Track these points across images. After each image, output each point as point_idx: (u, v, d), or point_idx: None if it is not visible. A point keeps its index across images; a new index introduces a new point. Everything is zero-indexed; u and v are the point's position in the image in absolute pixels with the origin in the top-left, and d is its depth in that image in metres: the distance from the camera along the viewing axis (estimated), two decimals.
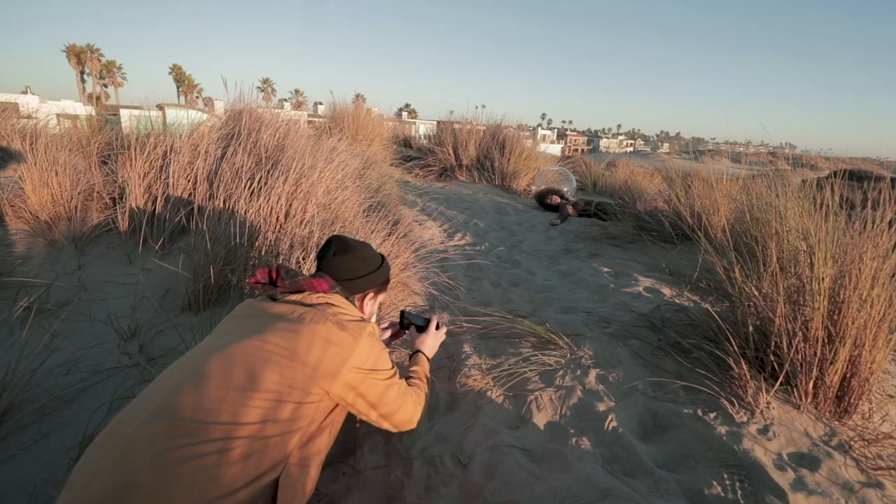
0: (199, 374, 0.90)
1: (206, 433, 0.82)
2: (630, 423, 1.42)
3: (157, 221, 2.42)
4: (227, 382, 0.89)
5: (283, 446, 0.90)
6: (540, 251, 3.42)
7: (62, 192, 2.48)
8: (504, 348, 1.84)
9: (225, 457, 0.81)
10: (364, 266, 1.24)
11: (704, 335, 1.67)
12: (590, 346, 1.78)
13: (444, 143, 6.24)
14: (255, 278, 1.17)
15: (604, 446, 1.33)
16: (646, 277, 2.58)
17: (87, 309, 1.93)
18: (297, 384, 0.94)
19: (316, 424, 0.98)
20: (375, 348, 1.09)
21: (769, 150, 35.37)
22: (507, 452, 1.30)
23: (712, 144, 13.15)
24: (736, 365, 1.45)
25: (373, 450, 1.38)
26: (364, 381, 1.04)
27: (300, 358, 0.96)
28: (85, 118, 4.13)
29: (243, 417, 0.86)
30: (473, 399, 1.55)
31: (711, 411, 1.40)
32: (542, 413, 1.46)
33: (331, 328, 1.02)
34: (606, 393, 1.53)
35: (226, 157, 2.59)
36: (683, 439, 1.33)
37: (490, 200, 5.21)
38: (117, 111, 7.14)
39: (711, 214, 2.84)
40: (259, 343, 0.96)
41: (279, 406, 0.90)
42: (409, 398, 1.18)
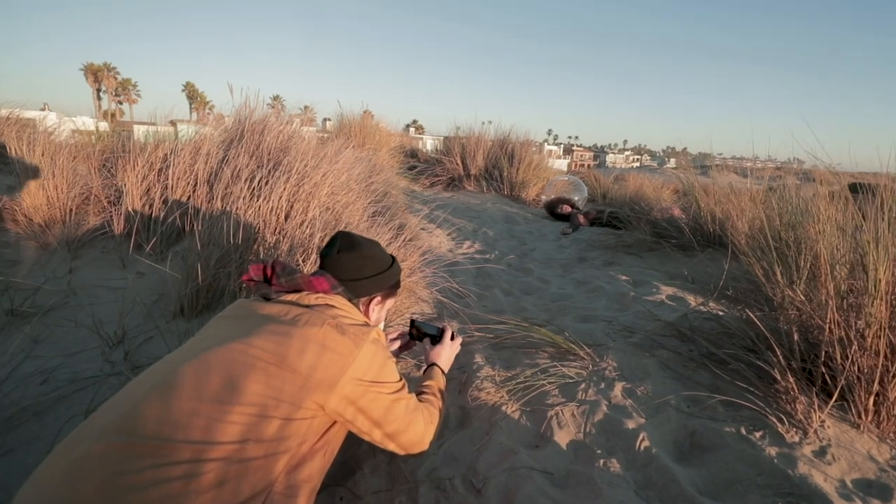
0: (170, 382, 0.77)
1: (172, 453, 0.68)
2: (664, 443, 1.26)
3: (154, 224, 2.33)
4: (200, 392, 0.75)
5: (266, 471, 0.75)
6: (552, 259, 3.28)
7: (58, 194, 2.40)
8: (519, 359, 1.69)
9: (193, 483, 0.67)
10: (372, 266, 1.11)
11: (742, 345, 1.51)
12: (613, 356, 1.63)
13: (451, 153, 6.16)
14: (248, 275, 1.04)
15: (636, 469, 1.18)
16: (667, 286, 2.42)
17: (74, 314, 1.81)
18: (286, 396, 0.80)
19: (308, 445, 0.83)
20: (380, 356, 0.94)
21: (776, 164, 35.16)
22: (527, 476, 1.14)
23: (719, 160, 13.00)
24: (782, 377, 1.29)
25: (374, 471, 1.23)
26: (366, 395, 0.90)
27: (290, 365, 0.82)
28: (94, 128, 4.11)
29: (218, 435, 0.72)
30: (487, 414, 1.40)
31: (757, 430, 1.24)
32: (564, 431, 1.31)
33: (328, 331, 0.89)
34: (635, 408, 1.37)
35: (227, 159, 2.50)
36: (727, 462, 1.16)
37: (499, 210, 5.10)
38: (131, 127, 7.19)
39: (736, 220, 2.68)
40: (242, 347, 0.83)
41: (263, 422, 0.76)
42: (419, 415, 1.03)
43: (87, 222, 2.43)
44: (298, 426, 0.81)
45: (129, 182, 2.40)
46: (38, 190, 2.34)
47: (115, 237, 2.31)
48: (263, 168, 2.14)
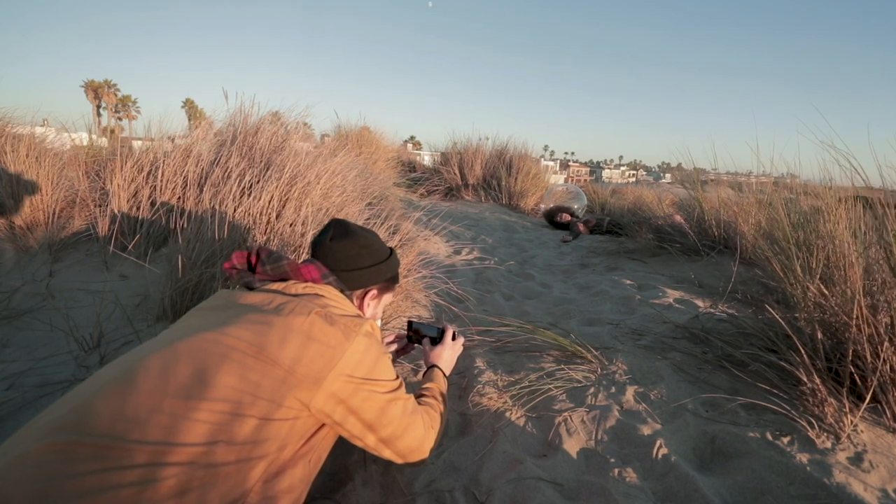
0: (130, 375, 0.67)
1: (125, 455, 0.58)
2: (683, 450, 1.16)
3: (140, 227, 2.24)
4: (164, 386, 0.66)
5: (239, 479, 0.65)
6: (554, 265, 3.19)
7: (42, 196, 2.32)
8: (523, 363, 1.59)
9: (149, 491, 0.57)
10: (367, 256, 1.01)
11: (760, 345, 1.42)
12: (623, 359, 1.53)
13: (449, 163, 6.12)
14: (231, 262, 0.94)
15: (654, 479, 1.07)
16: (674, 290, 2.33)
17: (49, 317, 1.71)
18: (264, 391, 0.70)
19: (289, 451, 0.73)
20: (373, 351, 0.84)
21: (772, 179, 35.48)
22: (535, 487, 1.04)
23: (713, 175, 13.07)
24: (808, 378, 1.20)
25: (366, 483, 1.11)
26: (357, 394, 0.79)
27: (270, 356, 0.72)
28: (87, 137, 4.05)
29: (182, 435, 0.62)
30: (489, 421, 1.29)
31: (784, 435, 1.14)
32: (573, 438, 1.20)
33: (315, 321, 0.79)
34: (650, 413, 1.27)
35: (218, 161, 2.42)
36: (755, 470, 1.06)
37: (497, 219, 5.03)
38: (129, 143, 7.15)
39: (742, 223, 2.62)
40: (216, 336, 0.74)
41: (236, 421, 0.66)
42: (417, 419, 0.92)
43: (72, 225, 2.34)
44: (278, 428, 0.70)
45: (115, 184, 2.32)
46: (22, 190, 2.26)
47: (99, 240, 2.21)
48: (255, 167, 2.06)
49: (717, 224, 2.83)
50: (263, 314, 0.80)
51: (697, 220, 2.97)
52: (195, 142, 2.61)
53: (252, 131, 2.63)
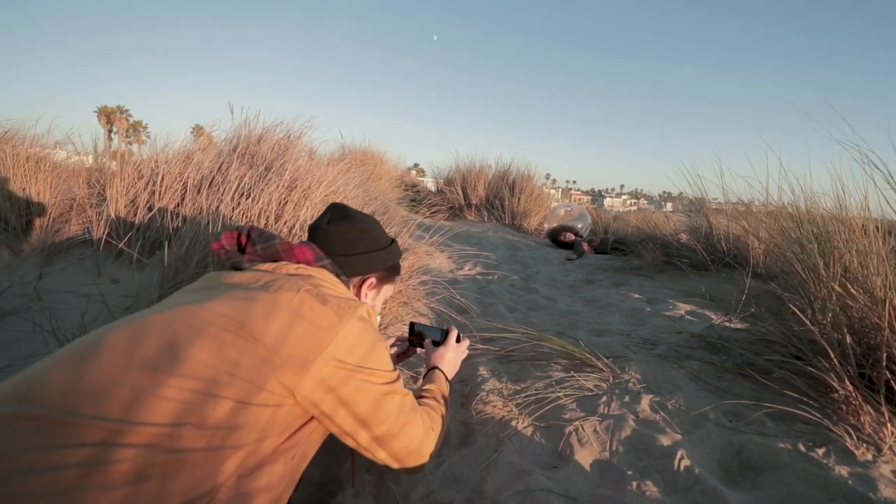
0: (92, 346, 0.60)
1: (74, 432, 0.50)
2: (707, 463, 1.05)
3: (136, 231, 2.19)
4: (128, 357, 0.58)
5: (208, 470, 0.56)
6: (558, 281, 3.11)
7: (39, 199, 2.28)
8: (529, 372, 1.50)
9: (97, 474, 0.49)
10: (366, 241, 0.94)
11: (784, 352, 1.32)
12: (636, 368, 1.43)
13: (452, 183, 6.13)
14: (220, 243, 0.88)
15: (677, 494, 0.96)
16: (684, 303, 2.24)
17: (34, 317, 1.63)
18: (243, 371, 0.62)
19: (270, 444, 0.64)
20: (368, 337, 0.76)
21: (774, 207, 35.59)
22: (545, 500, 0.93)
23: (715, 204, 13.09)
24: (839, 385, 1.10)
25: (358, 494, 1.01)
26: (349, 382, 0.71)
27: (251, 332, 0.65)
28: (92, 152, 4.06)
29: (144, 412, 0.54)
30: (494, 430, 1.19)
31: (818, 446, 1.04)
32: (585, 449, 1.10)
33: (305, 298, 0.72)
34: (668, 423, 1.17)
35: (220, 168, 2.40)
36: (789, 484, 0.96)
37: (500, 238, 4.98)
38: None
39: (753, 238, 2.55)
40: (192, 310, 0.66)
41: (208, 402, 0.58)
42: (416, 418, 0.83)
43: (67, 230, 2.29)
44: (258, 414, 0.62)
45: (114, 189, 2.29)
46: (19, 192, 2.22)
47: (93, 244, 2.16)
48: (256, 169, 2.03)
49: (726, 239, 2.77)
50: (248, 291, 0.73)
51: (705, 235, 2.91)
52: (197, 150, 2.59)
53: (255, 140, 2.62)
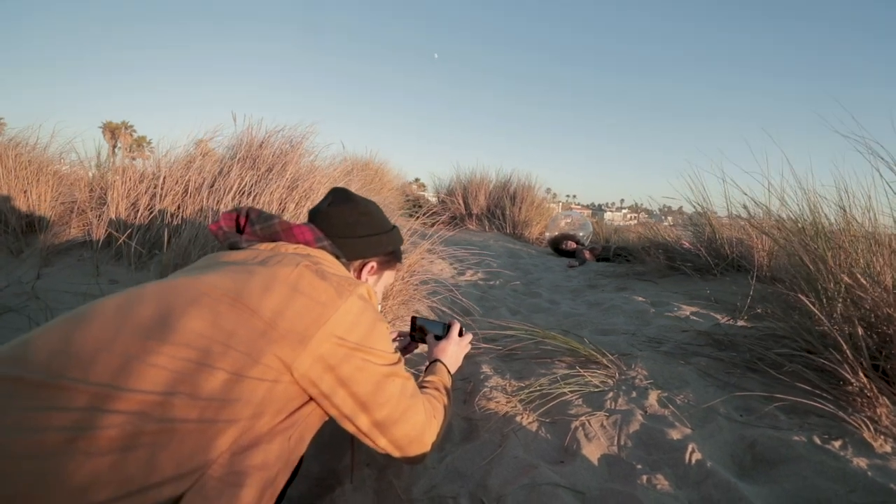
0: (85, 312, 0.58)
1: (61, 395, 0.48)
2: (719, 457, 1.02)
3: (137, 233, 2.18)
4: (119, 323, 0.56)
5: (201, 443, 0.54)
6: (561, 286, 3.09)
7: (41, 202, 2.28)
8: (533, 369, 1.46)
9: (83, 440, 0.47)
10: (367, 225, 0.93)
11: (794, 346, 1.29)
12: (643, 364, 1.40)
13: (454, 193, 6.15)
14: (217, 223, 0.86)
15: (690, 487, 0.93)
16: (689, 305, 2.21)
17: (30, 314, 1.61)
18: (239, 342, 0.59)
19: (266, 422, 0.61)
20: (369, 316, 0.73)
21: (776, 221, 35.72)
22: (552, 494, 0.90)
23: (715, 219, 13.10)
24: (853, 376, 1.07)
25: (359, 488, 0.97)
26: (349, 361, 0.68)
27: (248, 304, 0.63)
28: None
29: (134, 379, 0.52)
30: (498, 426, 1.16)
31: (834, 438, 1.00)
32: (593, 443, 1.07)
33: (304, 273, 0.70)
34: (677, 417, 1.14)
35: (221, 172, 2.40)
36: (805, 477, 0.92)
37: (502, 246, 4.96)
38: None
39: (756, 240, 2.53)
40: (188, 282, 0.65)
41: (202, 372, 0.56)
42: (418, 404, 0.80)
43: (68, 232, 2.28)
44: (253, 388, 0.59)
45: (115, 192, 2.29)
46: (20, 195, 2.22)
47: (92, 245, 2.15)
48: (257, 170, 2.03)
49: (730, 243, 2.75)
50: (245, 265, 0.71)
51: (708, 240, 2.89)
52: (199, 154, 2.60)
53: (257, 144, 2.63)
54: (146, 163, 2.65)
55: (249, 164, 2.50)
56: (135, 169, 2.45)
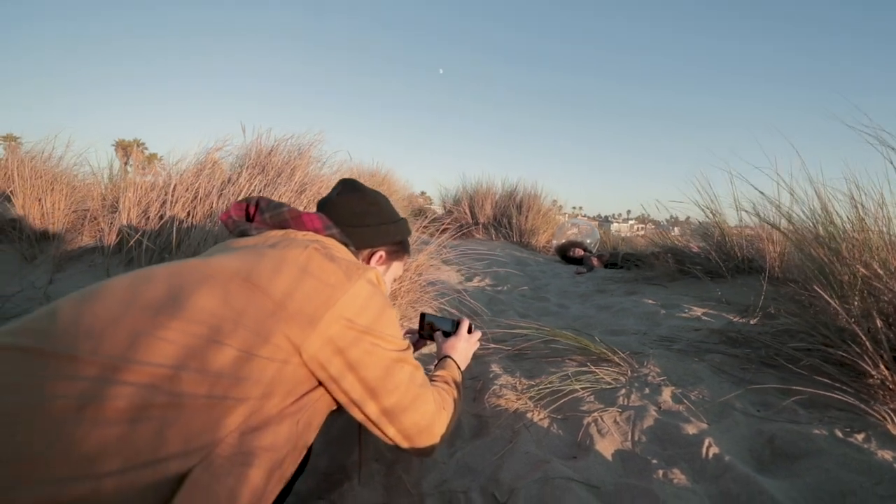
0: (96, 290, 0.58)
1: (70, 365, 0.48)
2: (737, 451, 0.99)
3: (147, 238, 2.20)
4: (129, 299, 0.56)
5: (210, 420, 0.53)
6: (569, 291, 3.06)
7: (55, 210, 2.32)
8: (542, 368, 1.44)
9: (90, 409, 0.46)
10: (375, 214, 0.93)
11: (810, 341, 1.27)
12: (655, 362, 1.38)
13: (460, 203, 6.17)
14: (227, 213, 0.87)
15: (707, 481, 0.90)
16: (700, 307, 2.18)
17: None
18: (248, 321, 0.59)
19: (276, 403, 0.60)
20: (378, 300, 0.73)
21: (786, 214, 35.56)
22: (566, 487, 0.88)
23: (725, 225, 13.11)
24: (874, 369, 1.04)
25: (366, 482, 0.96)
26: (358, 344, 0.67)
27: (258, 284, 0.63)
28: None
29: (143, 352, 0.51)
30: (508, 422, 1.14)
31: (857, 431, 0.97)
32: (606, 439, 1.04)
33: (313, 255, 0.70)
34: (693, 412, 1.11)
35: (230, 179, 2.44)
36: (828, 470, 0.89)
37: (509, 254, 4.95)
38: None
39: (767, 242, 2.50)
40: (199, 263, 0.65)
41: (211, 348, 0.55)
42: (428, 393, 0.78)
43: (80, 239, 2.32)
44: (263, 367, 0.59)
45: (127, 199, 2.32)
46: (34, 203, 2.27)
47: (104, 251, 2.17)
48: (266, 175, 2.05)
49: (740, 245, 2.72)
50: (255, 249, 0.71)
51: (717, 243, 2.86)
52: (209, 162, 2.64)
53: (266, 152, 2.67)
54: (157, 174, 2.70)
55: (259, 170, 2.53)
56: (146, 179, 2.49)
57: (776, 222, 1.94)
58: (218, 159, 2.79)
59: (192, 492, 0.49)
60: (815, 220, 1.51)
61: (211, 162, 2.71)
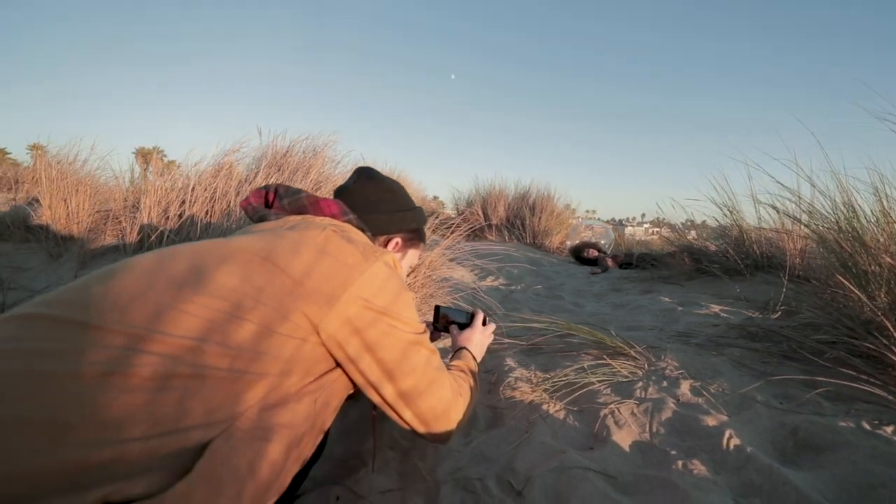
0: (121, 266, 0.60)
1: (97, 335, 0.50)
2: (759, 443, 0.96)
3: (167, 237, 2.25)
4: (154, 274, 0.58)
5: (231, 393, 0.54)
6: (584, 291, 3.03)
7: (79, 210, 2.39)
8: (557, 362, 1.43)
9: (116, 376, 0.48)
10: (391, 201, 0.94)
11: (834, 334, 1.23)
12: (673, 356, 1.36)
13: (473, 205, 6.17)
14: (247, 200, 0.89)
15: (728, 472, 0.88)
16: (717, 304, 2.14)
17: None
18: (268, 299, 0.60)
19: (295, 381, 0.61)
20: (395, 283, 0.74)
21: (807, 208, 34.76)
22: (582, 477, 0.87)
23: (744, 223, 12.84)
24: None
25: (381, 469, 0.96)
26: (376, 325, 0.68)
27: (278, 262, 0.64)
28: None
29: (167, 324, 0.53)
30: (524, 413, 1.13)
31: (886, 424, 0.94)
32: (624, 430, 1.03)
33: (331, 237, 0.71)
34: (712, 405, 1.09)
35: (247, 178, 2.48)
36: (857, 462, 0.86)
37: (522, 255, 4.92)
38: None
39: (787, 240, 2.44)
40: (221, 243, 0.67)
41: (233, 322, 0.56)
42: (444, 378, 0.78)
43: (103, 238, 2.39)
44: (282, 344, 0.60)
45: (148, 199, 2.38)
46: (60, 204, 2.34)
47: (126, 249, 2.23)
48: (283, 173, 2.08)
49: (758, 243, 2.66)
50: (275, 231, 0.73)
51: (736, 240, 2.80)
52: (227, 163, 2.69)
53: (282, 153, 2.71)
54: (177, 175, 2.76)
55: (275, 169, 2.57)
56: (165, 181, 2.56)
57: (797, 215, 1.89)
58: (235, 161, 2.85)
59: (212, 462, 0.50)
60: (838, 212, 1.47)
61: (228, 164, 2.77)
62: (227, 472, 0.51)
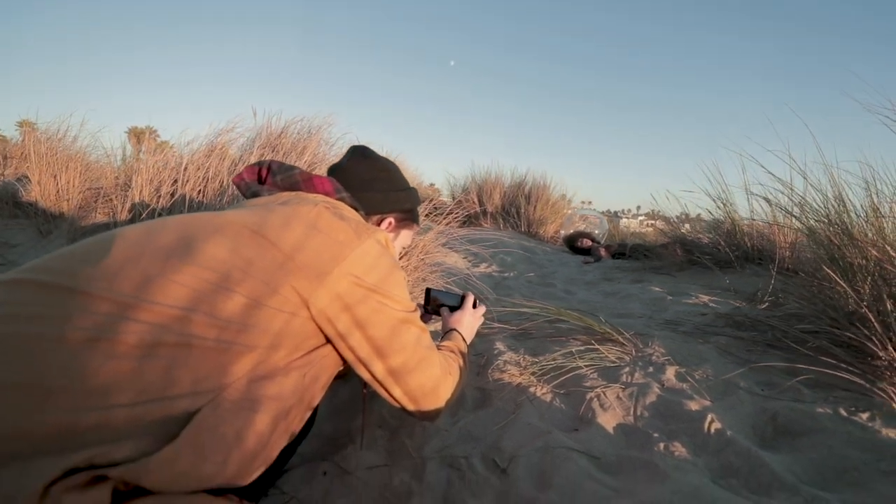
0: (109, 236, 0.60)
1: (84, 301, 0.50)
2: (740, 427, 0.99)
3: (160, 217, 2.23)
4: (142, 245, 0.58)
5: (219, 364, 0.54)
6: (576, 279, 3.05)
7: (69, 187, 2.36)
8: (547, 347, 1.45)
9: (103, 342, 0.48)
10: (385, 180, 0.94)
11: (819, 324, 1.25)
12: (660, 343, 1.38)
13: (468, 191, 6.15)
14: (240, 175, 0.88)
15: (709, 454, 0.91)
16: (707, 294, 2.17)
17: None
18: (257, 271, 0.60)
19: (283, 355, 0.61)
20: (387, 261, 0.73)
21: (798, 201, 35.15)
22: (566, 457, 0.89)
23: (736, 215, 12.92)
24: (882, 350, 1.03)
25: (370, 446, 0.98)
26: (366, 302, 0.68)
27: (268, 236, 0.64)
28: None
29: (155, 293, 0.53)
30: (511, 395, 1.15)
31: (862, 410, 0.97)
32: (608, 413, 1.05)
33: (323, 213, 0.71)
34: (696, 390, 1.11)
35: (242, 158, 2.45)
36: (830, 446, 0.89)
37: (517, 243, 4.93)
38: None
39: (778, 233, 2.47)
40: (211, 215, 0.66)
41: (221, 293, 0.56)
42: (434, 356, 0.79)
43: (94, 216, 2.36)
44: (271, 317, 0.60)
45: (140, 177, 2.35)
46: (50, 180, 2.31)
47: (116, 227, 2.21)
48: (277, 154, 2.06)
49: (750, 235, 2.68)
50: (266, 206, 0.72)
51: (727, 232, 2.82)
52: (221, 143, 2.66)
53: (276, 133, 2.68)
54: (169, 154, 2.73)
55: (269, 149, 2.55)
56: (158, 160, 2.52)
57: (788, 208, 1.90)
58: (228, 141, 2.81)
59: (199, 430, 0.51)
60: (828, 206, 1.48)
61: (221, 144, 2.73)
62: (213, 440, 0.52)
